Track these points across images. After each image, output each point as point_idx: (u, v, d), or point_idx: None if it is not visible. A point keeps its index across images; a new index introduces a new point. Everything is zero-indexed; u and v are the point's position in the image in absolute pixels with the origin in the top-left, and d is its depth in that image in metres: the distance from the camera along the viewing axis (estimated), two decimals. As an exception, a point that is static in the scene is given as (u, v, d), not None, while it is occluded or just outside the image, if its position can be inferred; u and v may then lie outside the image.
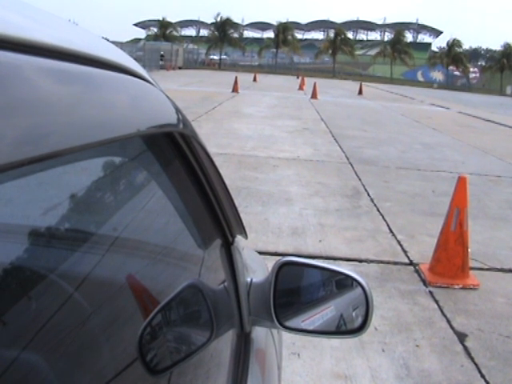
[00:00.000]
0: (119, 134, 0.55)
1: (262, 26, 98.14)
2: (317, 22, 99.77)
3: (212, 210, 0.98)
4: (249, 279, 1.06)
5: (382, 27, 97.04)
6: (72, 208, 0.62)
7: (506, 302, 3.60)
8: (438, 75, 71.54)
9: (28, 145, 0.39)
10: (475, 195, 6.16)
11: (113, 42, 0.82)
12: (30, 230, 0.55)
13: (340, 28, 74.84)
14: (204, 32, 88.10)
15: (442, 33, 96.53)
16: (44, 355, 0.52)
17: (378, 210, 5.55)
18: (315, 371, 2.62)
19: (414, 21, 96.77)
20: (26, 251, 0.54)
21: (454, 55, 65.75)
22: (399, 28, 77.77)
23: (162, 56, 44.03)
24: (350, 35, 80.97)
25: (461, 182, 3.80)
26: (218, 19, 68.97)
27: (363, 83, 34.29)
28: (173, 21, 73.78)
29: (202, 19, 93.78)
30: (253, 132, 10.58)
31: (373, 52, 78.12)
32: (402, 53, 68.45)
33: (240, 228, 1.15)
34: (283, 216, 5.09)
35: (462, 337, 3.07)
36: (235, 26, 72.52)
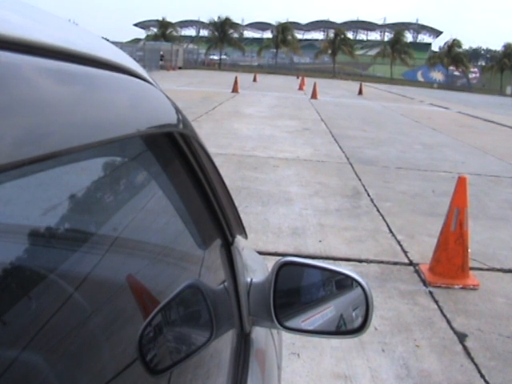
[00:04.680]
0: (119, 134, 0.55)
1: (262, 26, 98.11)
2: (317, 22, 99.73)
3: (212, 210, 0.98)
4: (249, 279, 1.06)
5: (382, 27, 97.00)
6: (72, 208, 0.62)
7: (505, 302, 3.60)
8: (437, 75, 71.56)
9: (28, 145, 0.39)
10: (475, 195, 6.16)
11: (113, 42, 0.82)
12: (30, 230, 0.55)
13: (340, 28, 74.87)
14: (204, 32, 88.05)
15: (441, 33, 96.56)
16: (44, 355, 0.52)
17: (378, 210, 5.55)
18: (315, 371, 2.62)
19: (414, 21, 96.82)
20: (25, 251, 0.54)
21: (454, 55, 65.79)
22: (399, 28, 77.83)
23: (162, 56, 44.03)
24: (349, 35, 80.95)
25: (461, 182, 3.80)
26: (217, 20, 69.01)
27: (363, 83, 34.30)
28: (173, 21, 73.88)
29: (202, 19, 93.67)
30: (253, 132, 10.58)
31: (373, 52, 78.18)
32: (402, 53, 68.49)
33: (240, 228, 1.15)
34: (283, 216, 5.09)
35: (461, 337, 3.07)
36: (235, 26, 72.56)
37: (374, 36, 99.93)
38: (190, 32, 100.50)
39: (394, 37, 72.13)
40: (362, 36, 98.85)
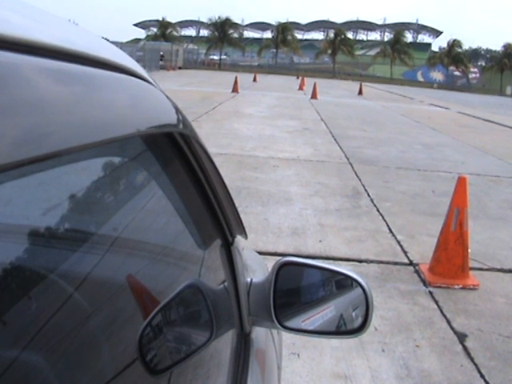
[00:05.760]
0: (119, 134, 0.55)
1: (262, 26, 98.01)
2: (317, 22, 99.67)
3: (212, 210, 0.97)
4: (249, 279, 1.06)
5: (382, 27, 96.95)
6: (72, 208, 0.62)
7: (505, 302, 3.60)
8: (437, 75, 71.56)
9: (28, 145, 0.39)
10: (475, 195, 6.16)
11: (113, 42, 0.82)
12: (30, 230, 0.55)
13: (340, 28, 74.85)
14: (204, 32, 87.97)
15: (441, 33, 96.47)
16: (44, 355, 0.52)
17: (378, 210, 5.55)
18: (315, 371, 2.62)
19: (414, 21, 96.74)
20: (25, 251, 0.54)
21: (454, 55, 65.81)
22: (399, 28, 77.81)
23: (162, 56, 44.04)
24: (349, 35, 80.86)
25: (461, 182, 3.80)
26: (218, 20, 69.02)
27: (363, 83, 34.30)
28: (173, 21, 73.86)
29: (201, 19, 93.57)
30: (253, 132, 10.58)
31: (373, 52, 78.15)
32: (402, 53, 68.49)
33: (240, 228, 1.15)
34: (283, 216, 5.09)
35: (461, 337, 3.07)
36: (235, 26, 72.56)
37: (374, 36, 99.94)
38: (190, 32, 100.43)
39: (394, 37, 72.10)
40: (362, 36, 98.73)
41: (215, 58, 71.02)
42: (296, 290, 1.05)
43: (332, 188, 6.40)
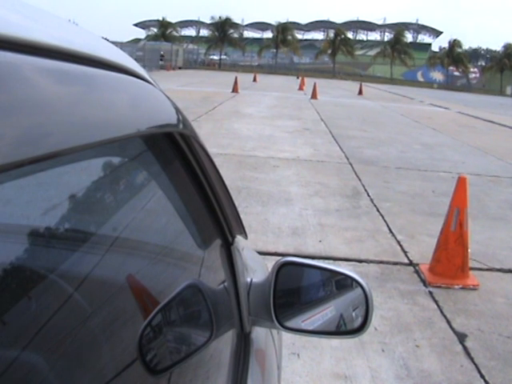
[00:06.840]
0: (119, 134, 0.55)
1: (262, 26, 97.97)
2: (317, 22, 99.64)
3: (212, 210, 0.98)
4: (249, 279, 1.06)
5: (382, 27, 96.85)
6: (72, 208, 0.62)
7: (505, 303, 3.60)
8: (437, 75, 71.60)
9: (28, 145, 0.39)
10: (475, 195, 6.16)
11: (113, 42, 0.82)
12: (30, 230, 0.55)
13: (340, 28, 74.89)
14: (204, 32, 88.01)
15: (441, 33, 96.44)
16: (44, 355, 0.52)
17: (378, 211, 5.55)
18: (315, 371, 2.62)
19: (414, 21, 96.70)
20: (25, 251, 0.54)
21: (454, 55, 65.84)
22: (399, 28, 77.77)
23: (162, 56, 44.05)
24: (349, 35, 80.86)
25: (461, 182, 3.80)
26: (218, 19, 69.07)
27: (363, 83, 34.31)
28: (173, 21, 73.90)
29: (202, 19, 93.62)
30: (253, 132, 10.58)
31: (373, 52, 78.19)
32: (402, 53, 68.55)
33: (240, 228, 1.15)
34: (283, 216, 5.09)
35: (461, 337, 3.07)
36: (235, 26, 72.61)
37: (374, 36, 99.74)
38: (190, 32, 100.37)
39: (393, 37, 72.17)
40: (362, 36, 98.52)
41: (215, 57, 71.05)
42: (296, 290, 1.05)
43: (332, 188, 6.40)
